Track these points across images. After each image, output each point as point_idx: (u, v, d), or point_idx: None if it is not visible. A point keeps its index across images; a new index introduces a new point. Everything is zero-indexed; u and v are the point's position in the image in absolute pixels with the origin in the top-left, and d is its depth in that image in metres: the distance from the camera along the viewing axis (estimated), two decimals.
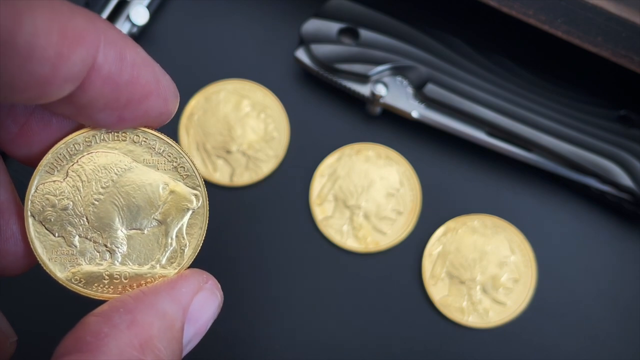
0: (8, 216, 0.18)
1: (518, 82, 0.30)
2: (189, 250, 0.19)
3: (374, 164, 0.31)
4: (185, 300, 0.17)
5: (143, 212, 0.18)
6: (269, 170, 0.31)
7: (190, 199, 0.19)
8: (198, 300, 0.18)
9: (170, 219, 0.19)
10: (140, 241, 0.19)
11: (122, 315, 0.16)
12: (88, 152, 0.18)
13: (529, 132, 0.29)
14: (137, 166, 0.18)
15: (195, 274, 0.18)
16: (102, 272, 0.18)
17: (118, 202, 0.18)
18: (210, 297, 0.18)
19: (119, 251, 0.18)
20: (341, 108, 0.32)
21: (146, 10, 0.30)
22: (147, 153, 0.18)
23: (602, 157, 0.29)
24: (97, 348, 0.15)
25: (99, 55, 0.15)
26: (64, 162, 0.18)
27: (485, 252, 0.30)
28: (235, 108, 0.31)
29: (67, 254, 0.18)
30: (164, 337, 0.16)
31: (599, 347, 0.29)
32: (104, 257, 0.18)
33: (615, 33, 0.28)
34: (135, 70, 0.16)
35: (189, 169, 0.19)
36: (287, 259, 0.30)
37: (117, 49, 0.16)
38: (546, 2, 0.27)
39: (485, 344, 0.29)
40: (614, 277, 0.30)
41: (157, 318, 0.17)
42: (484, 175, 0.31)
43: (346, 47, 0.30)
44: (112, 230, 0.18)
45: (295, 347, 0.29)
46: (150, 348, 0.16)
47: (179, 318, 0.17)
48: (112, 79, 0.16)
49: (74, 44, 0.14)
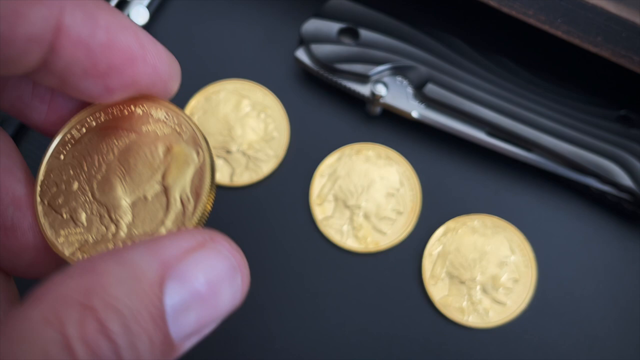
0: (26, 210, 0.17)
1: (518, 82, 0.30)
2: (194, 210, 0.17)
3: (374, 164, 0.31)
4: (168, 254, 0.14)
5: (144, 177, 0.18)
6: (269, 170, 0.31)
7: (189, 154, 0.18)
8: (195, 257, 0.15)
9: (172, 179, 0.18)
10: (145, 208, 0.18)
11: (78, 265, 0.14)
12: (90, 130, 0.18)
13: (529, 132, 0.29)
14: (135, 135, 0.18)
15: (194, 231, 0.16)
16: (108, 244, 0.17)
17: (119, 172, 0.18)
18: (216, 256, 0.15)
19: (123, 221, 0.18)
20: (341, 108, 0.32)
21: (146, 10, 0.30)
22: (146, 121, 0.18)
23: (602, 157, 0.29)
24: (40, 296, 0.13)
25: (65, 15, 0.14)
26: (69, 145, 0.18)
27: (485, 252, 0.30)
28: (235, 108, 0.31)
29: (76, 232, 0.18)
30: (122, 285, 0.14)
31: (598, 346, 0.29)
32: (109, 229, 0.18)
33: (615, 33, 0.28)
34: (110, 33, 0.15)
35: (188, 129, 0.18)
36: (287, 259, 0.30)
37: (86, 10, 0.15)
38: (546, 2, 0.28)
39: (485, 344, 0.29)
40: (614, 277, 0.30)
41: (117, 266, 0.14)
42: (484, 175, 0.31)
43: (346, 47, 0.30)
44: (116, 200, 0.18)
45: (295, 347, 0.29)
46: (100, 294, 0.13)
47: (152, 270, 0.14)
48: (83, 41, 0.15)
49: (33, 1, 0.14)
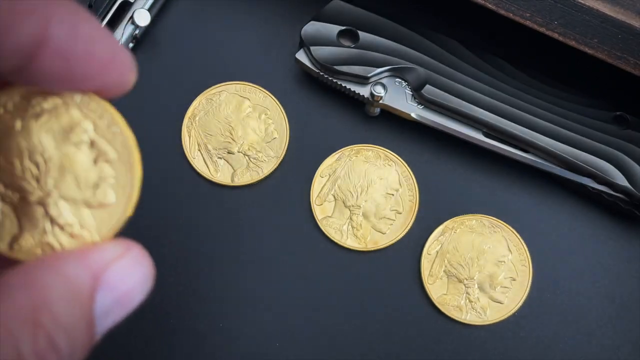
0: None
1: (515, 83, 0.30)
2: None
3: (373, 164, 0.31)
4: (97, 266, 0.16)
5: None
6: (269, 171, 0.31)
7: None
8: (117, 267, 0.16)
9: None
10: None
11: (19, 277, 0.15)
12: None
13: (526, 132, 0.29)
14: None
15: (114, 243, 0.17)
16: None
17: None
18: (133, 265, 0.17)
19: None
20: (341, 109, 0.32)
21: (147, 13, 0.31)
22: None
23: (598, 158, 0.29)
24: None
25: (51, 28, 0.15)
26: None
27: (483, 251, 0.30)
28: (237, 109, 0.31)
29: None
30: (64, 301, 0.15)
31: (594, 344, 0.30)
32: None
33: (611, 35, 0.28)
34: (90, 45, 0.16)
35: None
36: (287, 258, 0.30)
37: (70, 23, 0.15)
38: (543, 5, 0.28)
39: (483, 342, 0.30)
40: (610, 275, 0.30)
41: (57, 280, 0.15)
42: (482, 176, 0.31)
43: (346, 50, 0.30)
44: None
45: (295, 345, 0.29)
46: (47, 311, 0.15)
47: (86, 283, 0.16)
48: (64, 53, 0.15)
49: (22, 15, 0.14)
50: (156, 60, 0.32)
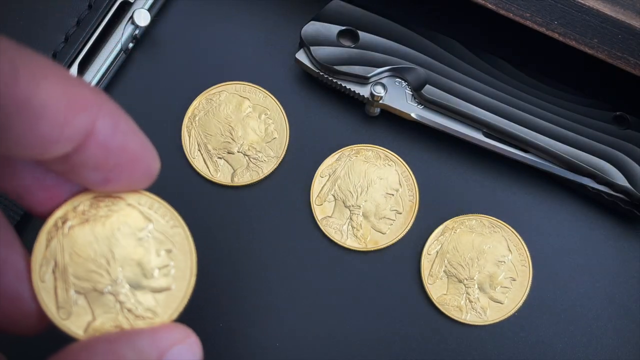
0: (27, 282, 0.19)
1: (515, 83, 0.30)
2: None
3: (373, 164, 0.31)
4: (163, 346, 0.19)
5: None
6: (269, 171, 0.31)
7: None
8: (177, 350, 0.19)
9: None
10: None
11: (103, 345, 0.18)
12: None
13: (526, 132, 0.29)
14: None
15: (179, 327, 0.20)
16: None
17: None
18: (190, 351, 0.19)
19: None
20: (341, 109, 0.32)
21: (147, 13, 0.31)
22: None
23: (597, 158, 0.29)
24: None
25: (98, 122, 0.17)
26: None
27: (483, 251, 0.30)
28: (237, 109, 0.31)
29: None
30: None
31: (594, 345, 0.30)
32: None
33: (611, 35, 0.28)
34: (126, 138, 0.18)
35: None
36: (287, 258, 0.30)
37: (113, 118, 0.18)
38: (543, 5, 0.28)
39: (483, 342, 0.30)
40: (610, 275, 0.30)
41: (133, 352, 0.18)
42: (482, 175, 0.31)
43: (346, 50, 0.30)
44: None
45: (295, 345, 0.29)
46: None
47: (153, 359, 0.18)
48: (105, 144, 0.18)
49: (78, 110, 0.16)
50: (156, 60, 0.32)
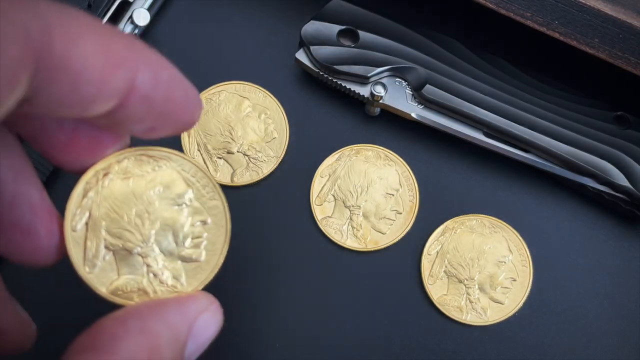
0: (42, 216, 0.19)
1: (515, 83, 0.30)
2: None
3: (374, 164, 0.31)
4: (192, 317, 0.19)
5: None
6: (269, 171, 0.31)
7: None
8: (203, 319, 0.19)
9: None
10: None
11: (135, 321, 0.18)
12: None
13: (526, 132, 0.29)
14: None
15: (203, 296, 0.20)
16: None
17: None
18: (213, 318, 0.20)
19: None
20: (341, 109, 0.32)
21: (147, 13, 0.31)
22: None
23: (598, 158, 0.29)
24: (111, 349, 0.17)
25: (138, 76, 0.16)
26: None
27: (483, 252, 0.30)
28: (236, 109, 0.31)
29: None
30: (169, 347, 0.18)
31: (595, 345, 0.30)
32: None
33: (612, 34, 0.28)
34: (169, 88, 0.17)
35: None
36: (287, 258, 0.30)
37: (154, 70, 0.17)
38: (543, 4, 0.28)
39: (483, 342, 0.30)
40: (611, 276, 0.30)
41: (165, 328, 0.18)
42: (482, 176, 0.31)
43: (346, 49, 0.30)
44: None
45: (295, 345, 0.29)
46: (157, 355, 0.17)
47: (184, 332, 0.19)
48: (148, 97, 0.17)
49: (117, 66, 0.16)
50: None
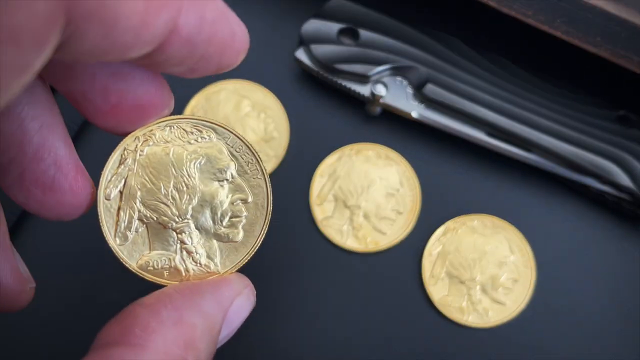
0: (67, 171, 0.18)
1: (517, 82, 0.30)
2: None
3: (374, 164, 0.31)
4: (227, 304, 0.18)
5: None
6: (269, 171, 0.31)
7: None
8: (236, 303, 0.19)
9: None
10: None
11: (170, 312, 0.17)
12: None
13: (528, 132, 0.29)
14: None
15: (237, 278, 0.19)
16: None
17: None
18: (246, 301, 0.19)
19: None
20: (341, 108, 0.32)
21: None
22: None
23: (601, 157, 0.29)
24: (145, 342, 0.16)
25: (181, 18, 0.15)
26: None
27: (485, 252, 0.30)
28: (236, 108, 0.31)
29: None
30: (204, 338, 0.17)
31: (597, 346, 0.29)
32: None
33: (615, 33, 0.28)
34: (213, 28, 0.16)
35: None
36: (287, 259, 0.30)
37: (198, 10, 0.16)
38: (545, 3, 0.28)
39: (485, 344, 0.29)
40: (614, 276, 0.30)
41: (201, 319, 0.17)
42: (484, 175, 0.31)
43: (346, 48, 0.30)
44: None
45: (295, 346, 0.29)
46: (193, 348, 0.17)
47: (219, 321, 0.18)
48: (190, 40, 0.16)
49: (158, 10, 0.14)
50: None
